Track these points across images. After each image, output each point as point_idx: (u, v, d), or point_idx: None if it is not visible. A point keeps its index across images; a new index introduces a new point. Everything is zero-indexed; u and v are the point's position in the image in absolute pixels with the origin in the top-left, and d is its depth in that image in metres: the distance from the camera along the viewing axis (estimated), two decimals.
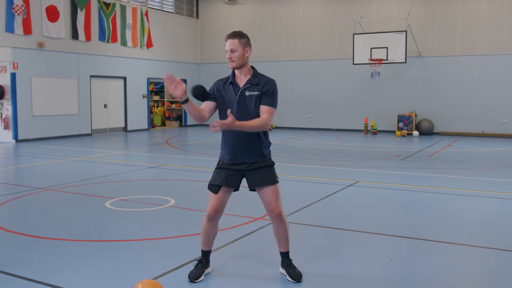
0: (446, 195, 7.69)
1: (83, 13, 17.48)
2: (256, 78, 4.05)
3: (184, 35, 22.76)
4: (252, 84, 4.01)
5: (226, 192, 4.08)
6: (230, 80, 4.08)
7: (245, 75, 4.06)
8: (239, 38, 3.99)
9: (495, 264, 4.63)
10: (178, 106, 23.56)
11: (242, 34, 4.04)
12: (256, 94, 3.99)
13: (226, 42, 4.02)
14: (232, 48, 3.97)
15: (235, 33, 4.02)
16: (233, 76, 4.10)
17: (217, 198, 4.06)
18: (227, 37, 4.01)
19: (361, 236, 5.55)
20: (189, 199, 7.26)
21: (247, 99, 3.99)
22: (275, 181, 4.05)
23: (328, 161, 11.52)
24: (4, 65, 15.44)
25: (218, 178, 4.07)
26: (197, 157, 12.31)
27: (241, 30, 4.12)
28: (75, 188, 8.06)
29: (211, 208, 4.07)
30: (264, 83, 4.02)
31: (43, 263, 4.51)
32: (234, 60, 3.98)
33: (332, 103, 20.51)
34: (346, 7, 20.07)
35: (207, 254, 4.23)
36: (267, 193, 4.03)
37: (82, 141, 16.02)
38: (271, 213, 4.06)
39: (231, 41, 3.98)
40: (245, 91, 4.00)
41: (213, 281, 4.12)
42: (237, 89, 4.02)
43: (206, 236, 4.17)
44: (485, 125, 18.03)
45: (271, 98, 4.00)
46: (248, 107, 3.98)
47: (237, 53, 3.97)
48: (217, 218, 4.12)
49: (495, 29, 17.77)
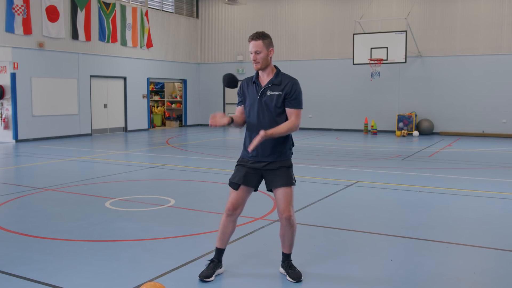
0: (446, 195, 7.69)
1: (83, 13, 17.48)
2: (278, 77, 4.03)
3: (184, 35, 22.76)
4: (274, 84, 4.01)
5: (246, 190, 4.09)
6: (253, 79, 4.10)
7: (267, 74, 4.05)
8: (263, 39, 3.95)
9: (495, 264, 4.63)
10: (178, 106, 23.57)
11: (265, 34, 3.99)
12: (277, 94, 3.98)
13: (250, 43, 3.97)
14: (256, 50, 3.94)
15: (259, 34, 3.98)
16: (257, 75, 4.11)
17: (237, 195, 4.07)
18: (251, 38, 3.97)
19: (361, 236, 5.55)
20: (189, 199, 7.26)
21: (268, 99, 3.99)
22: (290, 183, 4.03)
23: (328, 161, 11.52)
24: (4, 65, 15.44)
25: (236, 176, 4.08)
26: (197, 157, 12.31)
27: (263, 31, 4.06)
28: (75, 188, 8.06)
29: (230, 204, 4.08)
30: (286, 83, 4.00)
31: (43, 263, 4.51)
32: (258, 62, 3.97)
33: (332, 103, 20.51)
34: (346, 7, 20.07)
35: (220, 253, 4.21)
36: (280, 194, 4.01)
37: (82, 141, 16.02)
38: (280, 215, 4.05)
39: (256, 43, 3.94)
40: (266, 90, 4.01)
41: (213, 280, 4.11)
42: (259, 89, 4.03)
43: (222, 233, 4.17)
44: (485, 125, 18.03)
45: (296, 100, 4.00)
46: (268, 106, 3.99)
47: (261, 55, 3.94)
48: (236, 215, 4.12)
49: (495, 29, 17.77)
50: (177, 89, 24.17)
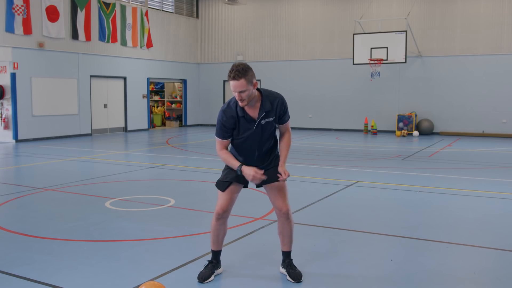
0: (446, 195, 7.69)
1: (83, 13, 17.47)
2: (267, 102, 3.85)
3: (184, 35, 22.75)
4: (266, 112, 3.86)
5: (234, 190, 4.04)
6: (240, 114, 3.83)
7: (254, 103, 3.84)
8: (244, 76, 3.62)
9: (495, 264, 4.63)
10: (178, 106, 23.58)
11: (245, 69, 3.64)
12: (272, 120, 3.90)
13: (230, 82, 3.66)
14: (240, 90, 3.65)
15: (239, 72, 3.61)
16: (241, 107, 3.83)
17: (226, 196, 4.03)
18: (231, 77, 3.63)
19: (361, 236, 5.55)
20: (189, 199, 7.26)
21: (264, 127, 3.90)
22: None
23: (328, 161, 11.52)
24: (4, 65, 15.44)
25: (228, 176, 4.02)
26: (197, 157, 12.31)
27: (242, 63, 3.69)
28: (75, 188, 8.06)
29: (219, 207, 4.04)
30: (276, 105, 3.88)
31: (43, 263, 4.51)
32: (244, 99, 3.71)
33: (332, 103, 20.51)
34: (346, 7, 20.07)
35: (217, 254, 4.21)
36: (275, 190, 4.00)
37: (82, 141, 16.02)
38: (279, 211, 4.04)
39: (237, 83, 3.62)
40: (261, 121, 3.88)
41: (213, 280, 4.11)
42: (251, 121, 3.87)
43: (216, 236, 4.15)
44: (485, 125, 18.03)
45: (286, 114, 3.99)
46: (264, 133, 3.93)
47: (246, 93, 3.68)
48: (225, 217, 4.09)
49: (495, 29, 17.77)
50: (177, 89, 24.17)
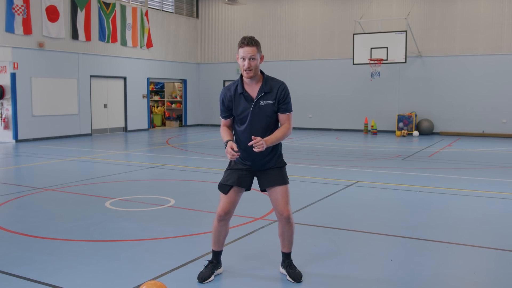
0: (446, 195, 7.69)
1: (83, 13, 17.47)
2: (268, 84, 3.84)
3: (184, 35, 22.75)
4: (266, 93, 3.83)
5: (237, 192, 4.01)
6: (239, 90, 3.86)
7: (256, 83, 3.84)
8: (257, 45, 3.71)
9: (495, 264, 4.63)
10: (178, 106, 23.58)
11: (257, 40, 3.77)
12: (271, 103, 3.84)
13: (242, 49, 3.69)
14: (252, 56, 3.67)
15: (253, 40, 3.71)
16: (242, 84, 3.87)
17: (228, 199, 3.99)
18: (244, 43, 3.69)
19: (361, 236, 5.55)
20: (189, 199, 7.26)
21: (262, 109, 3.85)
22: (285, 182, 3.99)
23: (328, 161, 11.52)
24: (4, 65, 15.44)
25: (230, 179, 3.97)
26: (197, 157, 12.31)
27: (252, 35, 3.83)
28: (75, 188, 8.06)
29: (221, 209, 4.00)
30: (277, 89, 3.84)
31: (43, 263, 4.51)
32: (252, 69, 3.72)
33: (332, 103, 20.51)
34: (346, 7, 20.07)
35: (217, 255, 4.20)
36: (277, 193, 3.97)
37: (82, 141, 16.02)
38: (280, 215, 4.01)
39: (251, 49, 3.67)
40: (259, 101, 3.84)
41: (213, 280, 4.11)
42: (250, 100, 3.85)
43: (217, 237, 4.13)
44: (485, 125, 18.03)
45: (289, 104, 3.90)
46: (262, 116, 3.87)
47: (256, 62, 3.71)
48: (227, 219, 4.07)
49: (495, 29, 17.77)
50: (177, 89, 24.17)
